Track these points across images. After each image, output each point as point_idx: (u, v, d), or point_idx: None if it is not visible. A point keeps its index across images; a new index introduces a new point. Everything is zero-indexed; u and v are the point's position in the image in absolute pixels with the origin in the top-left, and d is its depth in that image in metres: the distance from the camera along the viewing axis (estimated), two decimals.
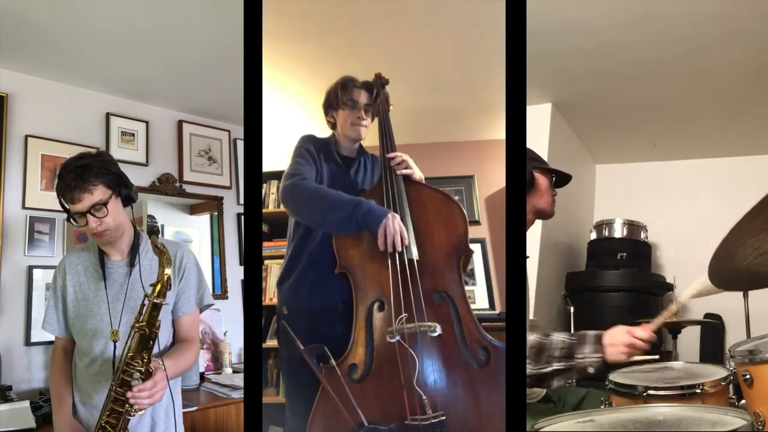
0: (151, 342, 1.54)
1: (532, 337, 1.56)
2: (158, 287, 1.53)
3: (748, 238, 1.33)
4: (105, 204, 1.63)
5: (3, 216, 2.65)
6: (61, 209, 1.67)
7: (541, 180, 1.81)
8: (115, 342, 1.65)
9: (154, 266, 1.68)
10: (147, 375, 1.53)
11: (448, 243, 1.75)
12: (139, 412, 1.54)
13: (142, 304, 1.55)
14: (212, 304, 1.90)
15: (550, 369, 1.52)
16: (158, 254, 1.56)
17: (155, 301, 1.53)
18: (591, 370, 1.51)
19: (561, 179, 1.87)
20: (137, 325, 1.53)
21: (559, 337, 1.55)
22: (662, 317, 1.67)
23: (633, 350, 1.53)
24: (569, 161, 3.78)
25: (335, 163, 1.93)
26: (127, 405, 1.52)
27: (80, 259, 1.78)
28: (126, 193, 1.70)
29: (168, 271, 1.53)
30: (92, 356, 1.71)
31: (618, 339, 1.53)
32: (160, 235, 3.12)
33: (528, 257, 1.78)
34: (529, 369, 1.52)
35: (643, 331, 1.54)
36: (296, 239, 1.87)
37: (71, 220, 1.66)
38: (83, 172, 1.60)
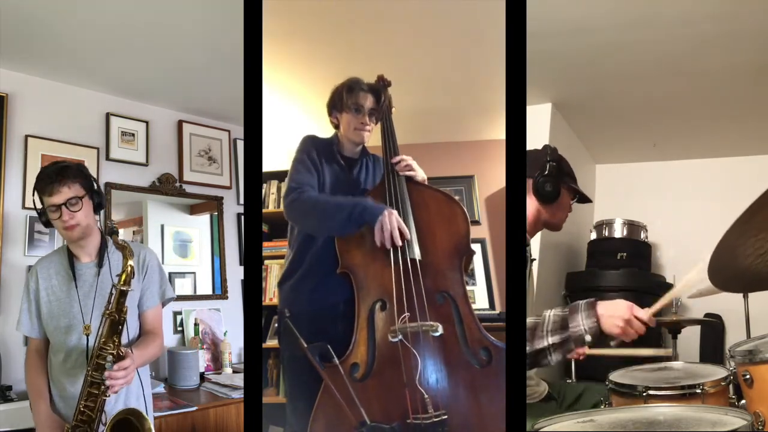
0: (120, 327, 1.70)
1: (528, 320, 1.54)
2: (123, 276, 1.70)
3: (749, 237, 1.33)
4: (80, 199, 1.77)
5: (3, 216, 2.65)
6: (34, 209, 1.81)
7: (565, 196, 1.84)
8: (87, 335, 1.76)
9: (120, 266, 1.79)
10: (118, 357, 1.67)
11: (450, 243, 1.75)
12: (113, 393, 1.68)
13: (111, 293, 1.72)
14: (173, 298, 2.06)
15: (545, 343, 1.49)
16: (120, 249, 1.75)
17: (122, 288, 1.69)
18: (588, 338, 1.47)
19: (581, 200, 1.90)
20: (107, 312, 1.69)
21: (551, 312, 1.52)
22: (662, 301, 1.61)
23: (628, 328, 1.47)
24: (569, 161, 3.77)
25: (337, 164, 1.93)
26: (102, 387, 1.66)
27: (51, 263, 1.90)
28: (98, 200, 1.86)
29: (131, 262, 1.71)
30: (67, 350, 1.83)
31: (617, 311, 1.48)
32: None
33: (534, 259, 1.79)
34: (527, 349, 1.50)
35: (644, 313, 1.49)
36: (299, 241, 1.87)
37: (43, 218, 1.80)
38: (62, 171, 1.76)
